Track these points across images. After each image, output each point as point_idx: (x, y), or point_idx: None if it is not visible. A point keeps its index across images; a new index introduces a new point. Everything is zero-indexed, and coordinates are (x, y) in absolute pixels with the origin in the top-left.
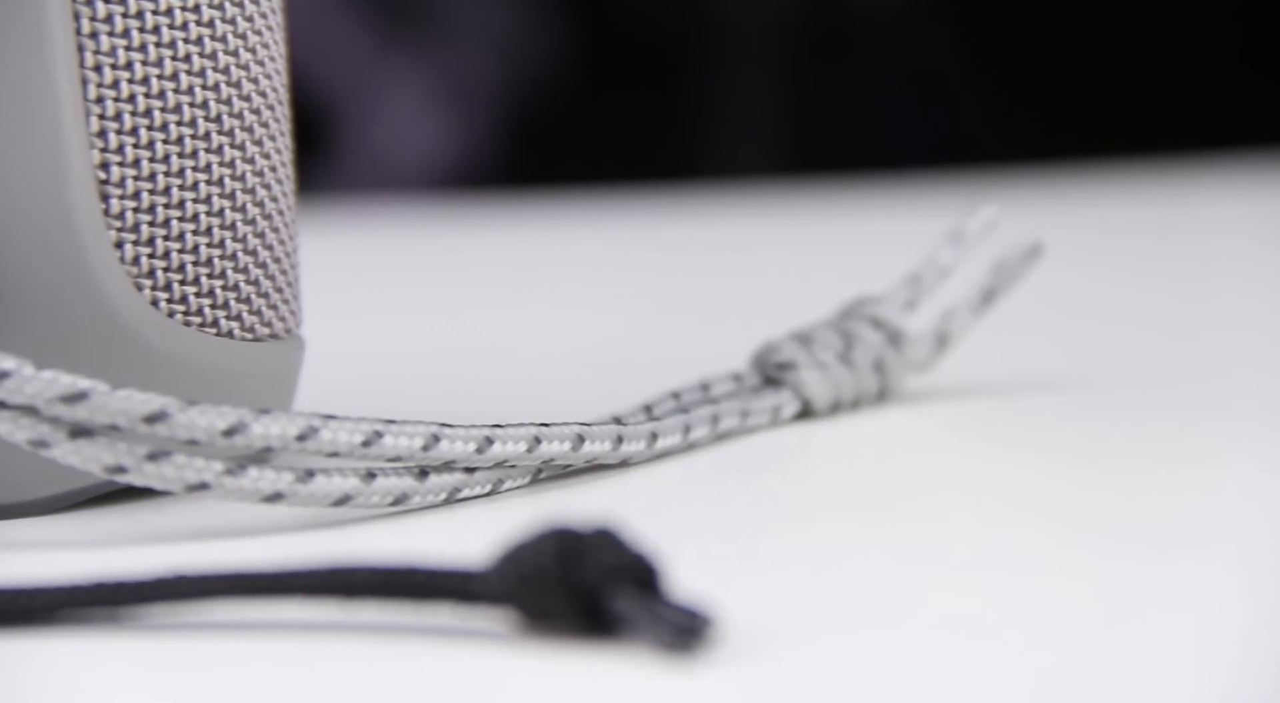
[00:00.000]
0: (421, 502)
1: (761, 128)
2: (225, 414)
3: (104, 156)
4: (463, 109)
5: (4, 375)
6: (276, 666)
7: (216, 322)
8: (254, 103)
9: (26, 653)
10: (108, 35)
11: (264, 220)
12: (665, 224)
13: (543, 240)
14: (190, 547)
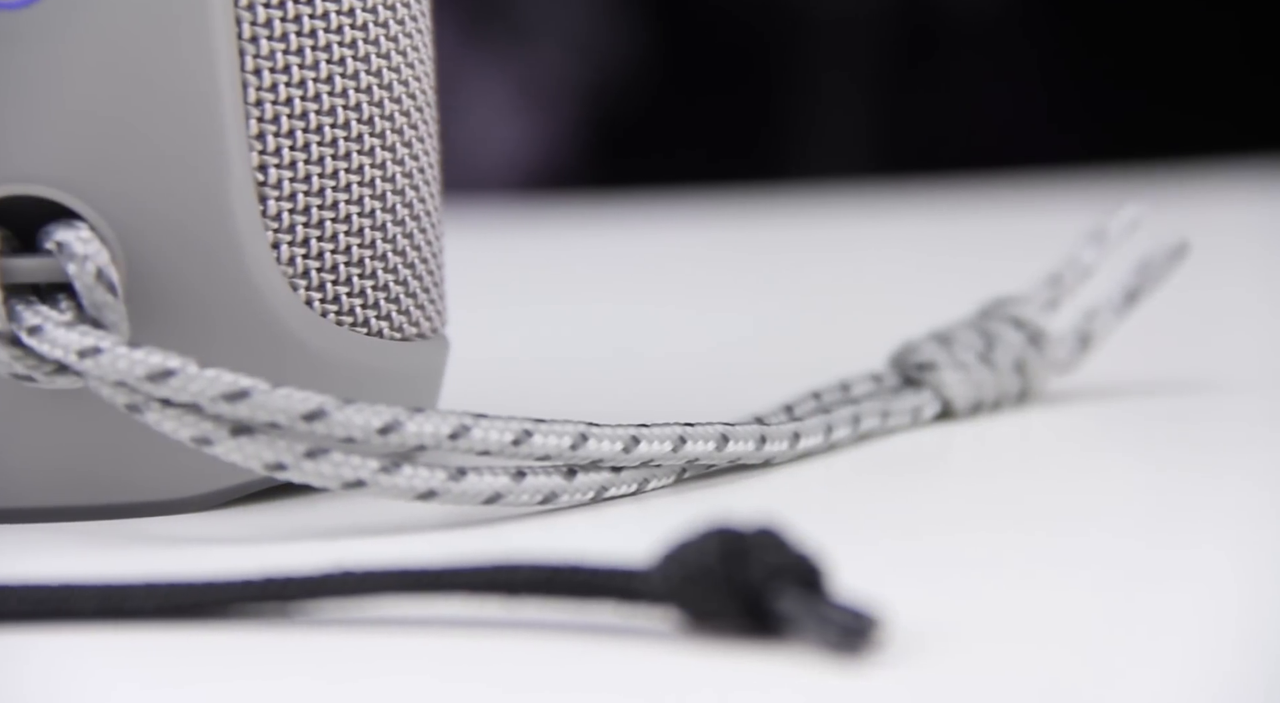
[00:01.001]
0: (569, 501)
1: (848, 127)
2: (380, 413)
3: (262, 159)
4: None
5: (169, 374)
6: (441, 662)
7: (367, 321)
8: (404, 105)
9: (201, 645)
10: (267, 39)
11: (412, 221)
12: (754, 224)
13: (631, 241)
14: (344, 543)
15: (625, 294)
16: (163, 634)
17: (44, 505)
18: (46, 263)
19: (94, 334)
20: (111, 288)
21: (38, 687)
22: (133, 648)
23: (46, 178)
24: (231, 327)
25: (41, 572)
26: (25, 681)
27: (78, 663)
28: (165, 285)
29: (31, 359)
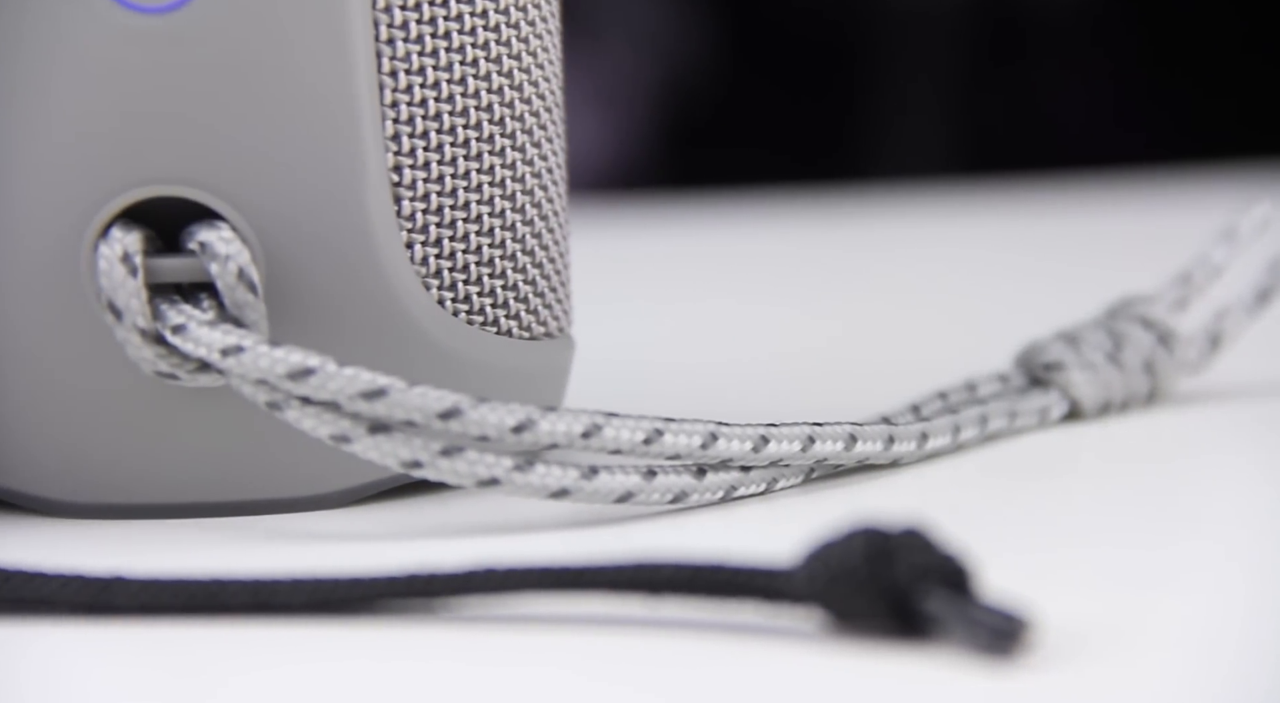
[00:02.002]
0: (699, 500)
1: (926, 125)
2: (514, 411)
3: (397, 160)
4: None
5: (309, 372)
6: (583, 660)
7: (497, 321)
8: (534, 105)
9: (349, 640)
10: (403, 41)
11: (540, 221)
12: (830, 223)
13: (706, 240)
14: (476, 541)
15: (711, 294)
16: (311, 629)
17: (185, 502)
18: (189, 263)
19: (236, 333)
20: (252, 287)
21: (193, 678)
22: (282, 642)
23: (189, 179)
24: (366, 326)
25: (185, 566)
26: (181, 672)
27: (230, 656)
28: (302, 285)
29: (175, 357)
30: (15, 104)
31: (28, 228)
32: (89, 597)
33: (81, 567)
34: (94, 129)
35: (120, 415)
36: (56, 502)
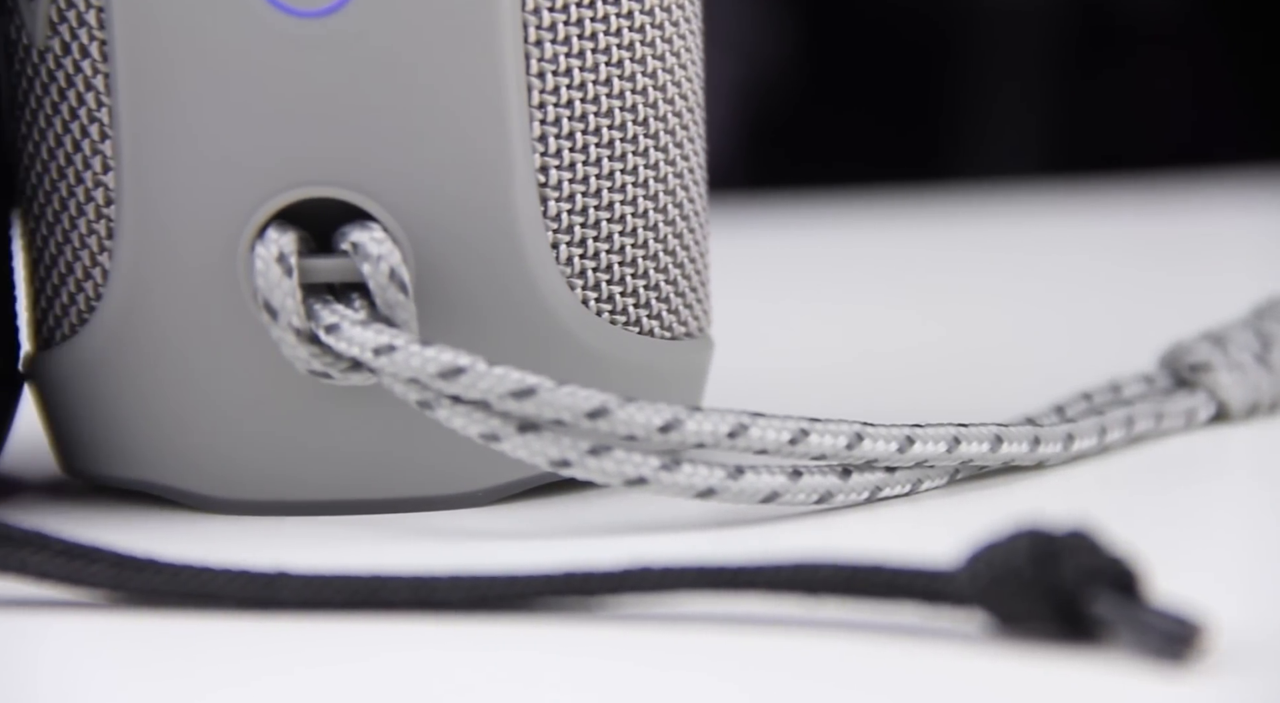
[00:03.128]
0: (844, 500)
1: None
2: (661, 411)
3: (543, 161)
4: None
5: (460, 371)
6: (741, 660)
7: (639, 320)
8: (676, 105)
9: (507, 637)
10: (551, 43)
11: (682, 221)
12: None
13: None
14: (622, 539)
15: (810, 295)
16: (470, 625)
17: (336, 499)
18: (342, 263)
19: (388, 332)
20: (403, 287)
21: (357, 672)
22: (442, 638)
23: (342, 180)
24: (511, 325)
25: (341, 563)
26: (346, 666)
27: (392, 652)
28: (450, 285)
29: (328, 356)
30: (174, 108)
31: (187, 229)
32: (254, 592)
33: (245, 562)
34: (250, 132)
35: (274, 414)
36: (212, 498)
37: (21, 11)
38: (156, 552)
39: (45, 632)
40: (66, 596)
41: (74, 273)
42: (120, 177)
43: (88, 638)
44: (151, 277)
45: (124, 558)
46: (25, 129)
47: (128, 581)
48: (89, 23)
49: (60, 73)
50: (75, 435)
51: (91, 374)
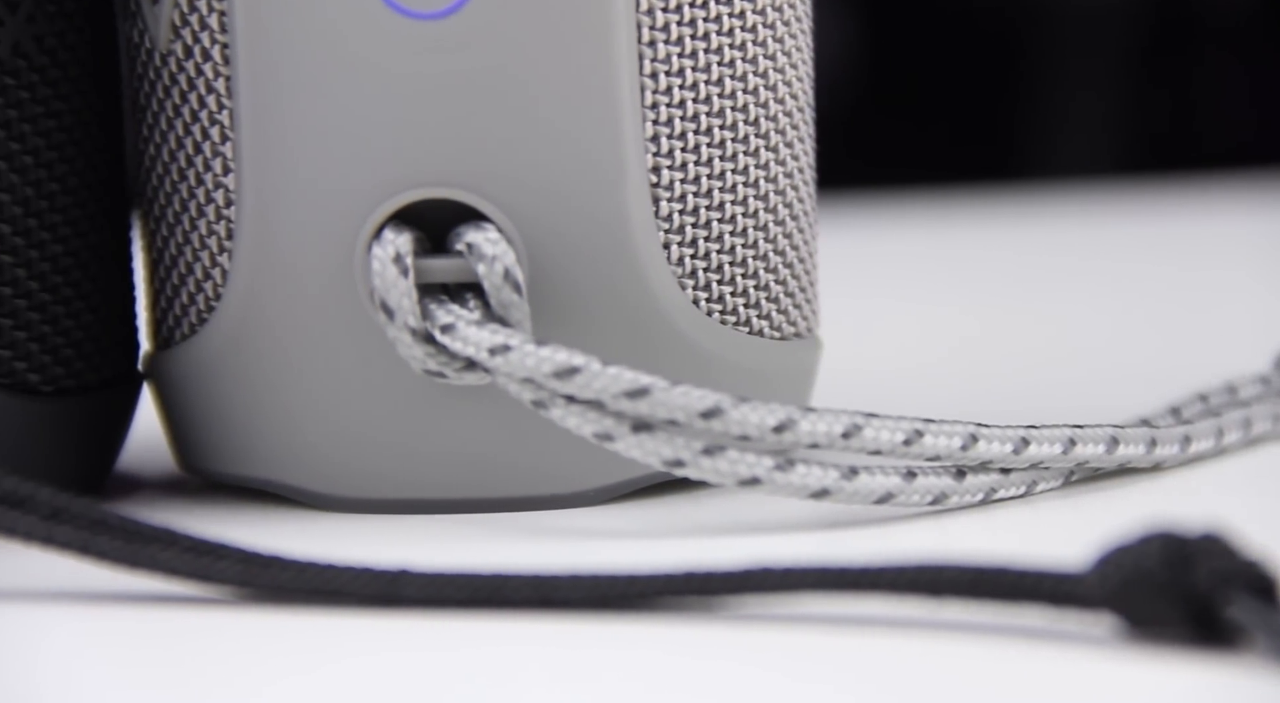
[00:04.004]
0: (959, 502)
1: (1091, 123)
2: (774, 411)
3: (655, 161)
4: None
5: (574, 371)
6: (864, 661)
7: (749, 320)
8: (787, 105)
9: (630, 637)
10: (664, 43)
11: (791, 221)
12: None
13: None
14: (736, 540)
15: (897, 295)
16: (592, 624)
17: (449, 497)
18: (457, 263)
19: (503, 332)
20: (517, 287)
21: (479, 669)
22: (563, 637)
23: (458, 181)
24: (623, 325)
25: (452, 561)
26: (468, 663)
27: (514, 649)
28: (562, 285)
29: (444, 356)
30: (293, 110)
31: (305, 230)
32: (378, 589)
33: (367, 560)
34: (368, 133)
35: (389, 413)
36: (326, 496)
37: (144, 15)
38: (281, 549)
39: (175, 628)
40: (195, 592)
41: (194, 273)
42: (240, 178)
43: (216, 634)
44: (270, 277)
45: (251, 555)
46: (146, 132)
47: (254, 577)
48: (211, 26)
49: (182, 76)
50: (193, 433)
51: (210, 373)
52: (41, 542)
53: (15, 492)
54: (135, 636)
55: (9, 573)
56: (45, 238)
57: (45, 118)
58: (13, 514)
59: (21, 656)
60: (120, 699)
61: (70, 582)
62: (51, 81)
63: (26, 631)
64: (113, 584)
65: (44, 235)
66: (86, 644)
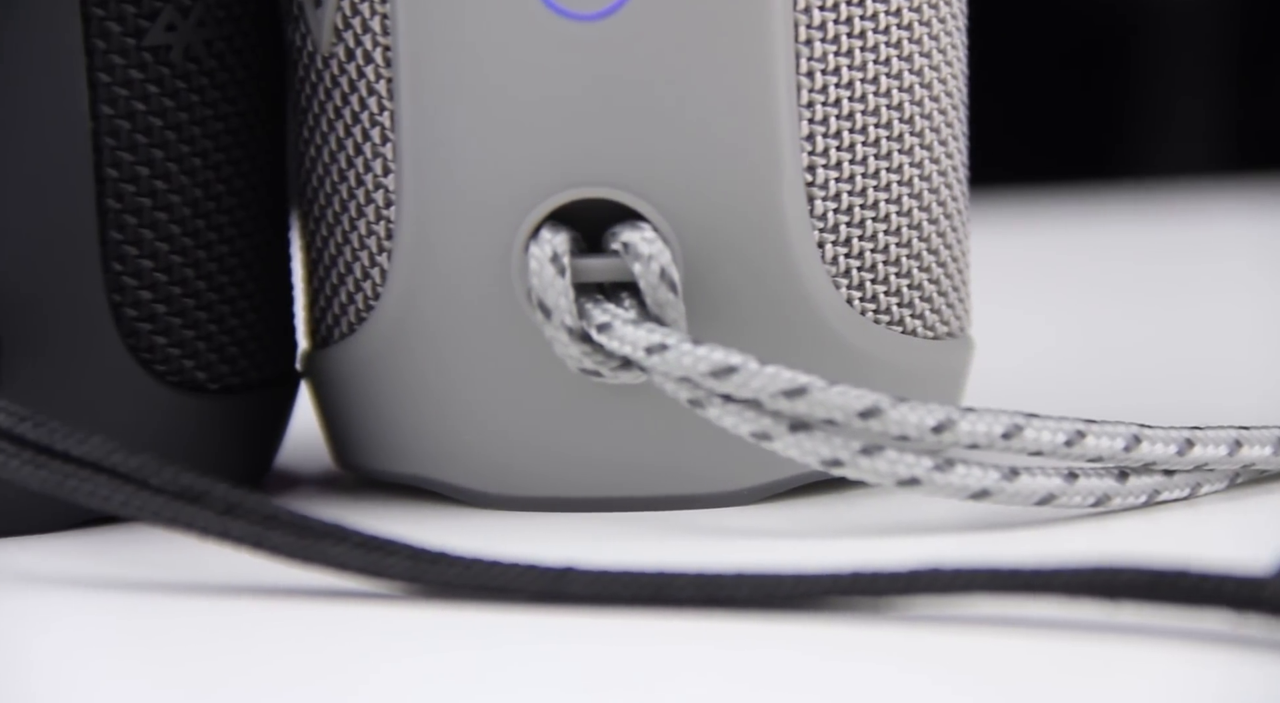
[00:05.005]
0: (1121, 503)
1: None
2: (934, 411)
3: (811, 160)
4: None
5: (731, 370)
6: (1039, 664)
7: (902, 320)
8: (941, 103)
9: (797, 636)
10: (820, 42)
11: (945, 219)
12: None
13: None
14: (893, 540)
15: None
16: (758, 624)
17: (603, 496)
18: (613, 263)
19: (660, 331)
20: (673, 287)
21: (644, 667)
22: (729, 635)
23: (614, 181)
24: (777, 324)
25: (608, 558)
26: (633, 660)
27: (679, 648)
28: (717, 284)
29: (600, 355)
30: (452, 111)
31: (463, 230)
32: (545, 586)
33: (533, 557)
34: (527, 134)
35: (545, 412)
36: (482, 494)
37: (307, 19)
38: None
39: (345, 623)
40: (365, 587)
41: (353, 273)
42: (400, 179)
43: (387, 629)
44: (428, 277)
45: (419, 551)
46: (307, 133)
47: (423, 573)
48: (373, 29)
49: (344, 78)
50: (350, 431)
51: (368, 372)
52: (217, 536)
53: (192, 487)
54: (308, 630)
55: (186, 567)
56: (212, 238)
57: (213, 120)
58: (190, 509)
59: (199, 648)
60: (296, 692)
61: (244, 576)
62: (219, 85)
63: (202, 623)
64: (284, 578)
65: (211, 236)
66: (260, 638)
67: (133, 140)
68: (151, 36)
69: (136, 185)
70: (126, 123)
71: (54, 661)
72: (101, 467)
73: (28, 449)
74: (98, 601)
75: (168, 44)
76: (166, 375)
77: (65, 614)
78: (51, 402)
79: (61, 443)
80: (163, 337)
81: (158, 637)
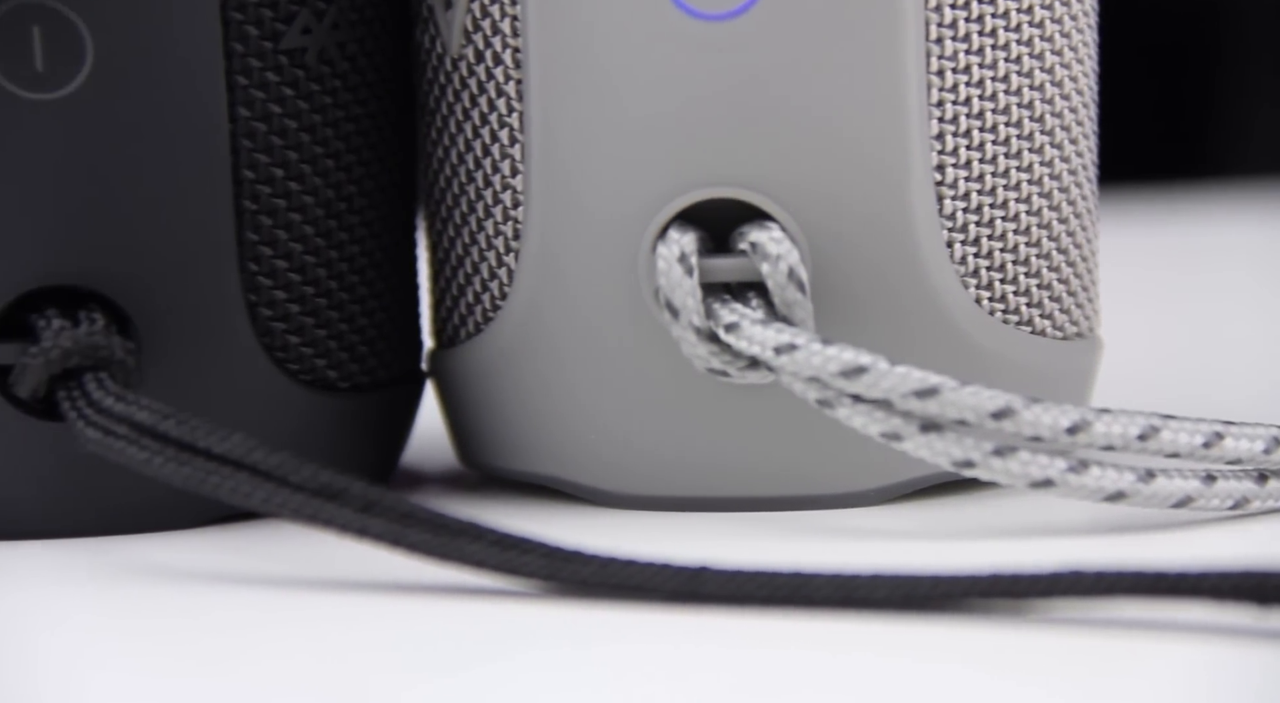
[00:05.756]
0: (1260, 506)
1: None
2: (1068, 412)
3: (940, 159)
4: None
5: (861, 371)
6: (1186, 670)
7: (1031, 320)
8: (1072, 101)
9: (937, 638)
10: (951, 40)
11: (1075, 219)
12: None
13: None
14: (1033, 543)
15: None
16: (896, 625)
17: (728, 495)
18: (740, 263)
19: (789, 331)
20: (801, 287)
21: (781, 667)
22: (867, 636)
23: (742, 181)
24: (905, 324)
25: (737, 558)
26: (769, 661)
27: (816, 649)
28: (845, 283)
29: (727, 355)
30: (581, 112)
31: (590, 230)
32: (680, 585)
33: (667, 556)
34: (656, 134)
35: (672, 411)
36: (607, 492)
37: (437, 21)
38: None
39: (482, 619)
40: (501, 585)
41: (480, 273)
42: (528, 180)
43: (524, 627)
44: (555, 277)
45: (555, 550)
46: (435, 135)
47: (559, 571)
48: (503, 31)
49: (473, 79)
50: (475, 429)
51: (494, 371)
52: (356, 534)
53: (330, 485)
54: (445, 626)
55: (323, 563)
56: (344, 238)
57: (345, 122)
58: (329, 507)
59: (339, 643)
60: (435, 687)
61: (381, 573)
62: (351, 87)
63: (339, 620)
64: (421, 576)
65: (342, 236)
66: (398, 634)
67: (268, 142)
68: (287, 39)
69: (272, 187)
70: (263, 125)
71: (199, 653)
72: (242, 464)
73: (171, 447)
74: (240, 596)
75: (303, 47)
76: (299, 374)
77: (209, 609)
78: (188, 400)
79: (204, 441)
80: (296, 336)
81: (299, 632)
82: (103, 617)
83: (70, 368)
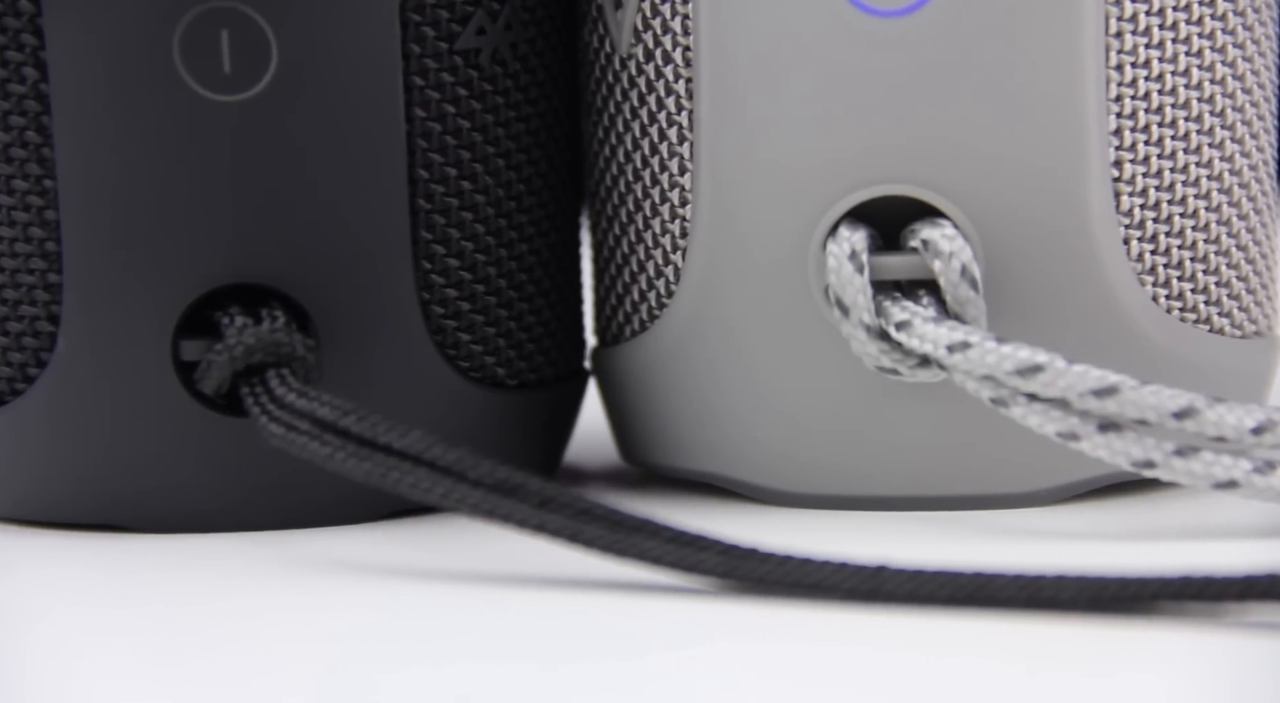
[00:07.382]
0: None
1: None
2: (1253, 411)
3: (1118, 154)
4: None
5: (1038, 369)
6: None
7: (1209, 318)
8: (1254, 95)
9: (1127, 641)
10: (1131, 34)
11: (1255, 215)
12: None
13: None
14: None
15: None
16: (1085, 627)
17: (898, 494)
18: (912, 260)
19: (962, 329)
20: (974, 284)
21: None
22: (1053, 639)
23: (915, 178)
24: (1081, 322)
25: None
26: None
27: (998, 649)
28: (1018, 280)
29: (898, 353)
30: (752, 109)
31: (759, 228)
32: (859, 584)
33: (846, 555)
34: (827, 131)
35: (841, 410)
36: (774, 491)
37: (606, 21)
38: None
39: (660, 616)
40: (678, 582)
41: (646, 272)
42: (696, 178)
43: (702, 624)
44: (723, 275)
45: (731, 547)
46: (602, 134)
47: (736, 569)
48: (674, 30)
49: (642, 78)
50: (639, 427)
51: (660, 369)
52: (533, 530)
53: (508, 481)
54: (622, 623)
55: (500, 559)
56: (513, 237)
57: (516, 122)
58: (507, 502)
59: (517, 642)
60: (613, 682)
61: (558, 569)
62: (522, 87)
63: (515, 615)
64: (598, 572)
65: (512, 235)
66: (575, 630)
67: (443, 142)
68: (463, 41)
69: (445, 186)
70: (438, 125)
71: (380, 645)
72: (421, 459)
73: (351, 442)
74: (420, 589)
75: (477, 48)
76: (469, 371)
77: (390, 602)
78: (364, 396)
79: (384, 436)
80: (467, 333)
81: (476, 625)
82: (295, 611)
83: (253, 365)
